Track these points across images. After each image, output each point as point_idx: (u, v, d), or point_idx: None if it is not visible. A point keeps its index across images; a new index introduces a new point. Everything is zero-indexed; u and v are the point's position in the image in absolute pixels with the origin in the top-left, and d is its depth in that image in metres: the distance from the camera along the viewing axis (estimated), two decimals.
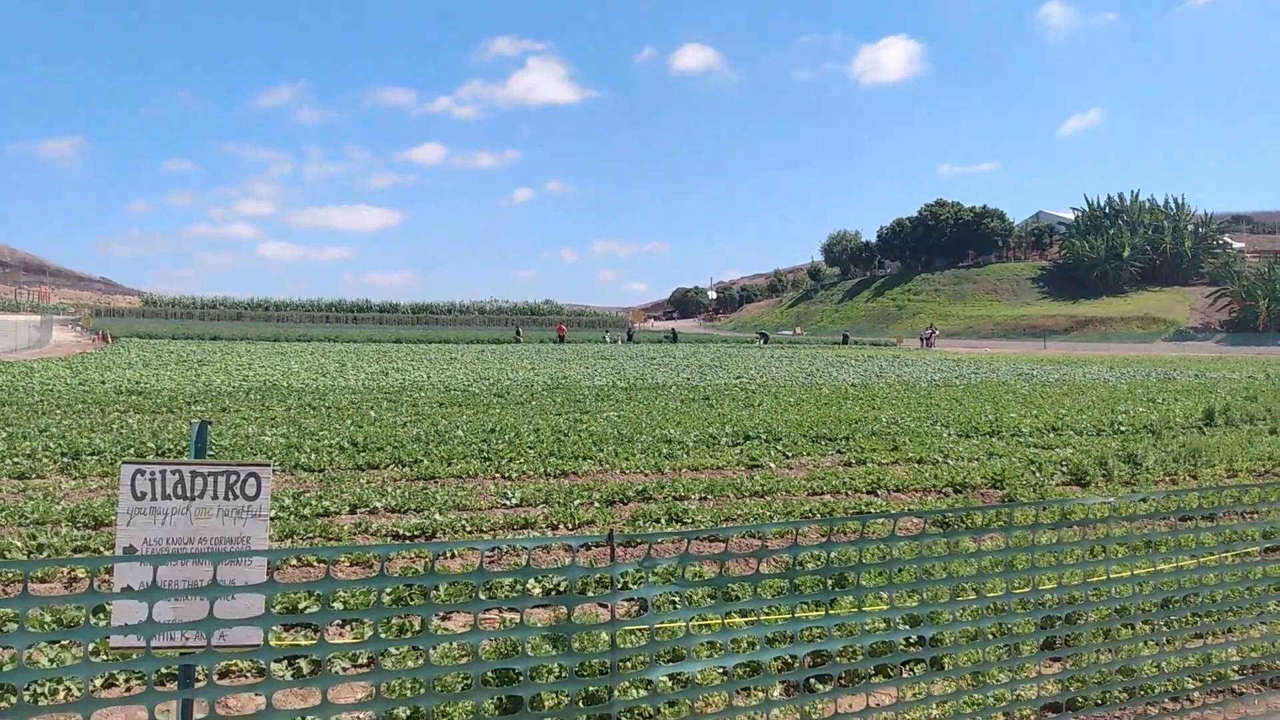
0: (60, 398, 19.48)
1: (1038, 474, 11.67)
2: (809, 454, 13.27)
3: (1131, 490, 10.88)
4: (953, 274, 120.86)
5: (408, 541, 7.98)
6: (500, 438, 14.03)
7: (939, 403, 21.69)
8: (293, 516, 8.63)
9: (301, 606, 5.65)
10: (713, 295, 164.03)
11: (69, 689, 4.71)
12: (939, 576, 4.41)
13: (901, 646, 3.99)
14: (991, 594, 3.95)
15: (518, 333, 78.92)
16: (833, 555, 5.23)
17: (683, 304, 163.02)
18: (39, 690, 4.63)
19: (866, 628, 3.76)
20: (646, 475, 11.38)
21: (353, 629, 5.68)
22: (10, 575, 6.63)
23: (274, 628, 5.24)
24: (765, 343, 77.04)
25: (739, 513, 9.27)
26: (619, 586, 3.06)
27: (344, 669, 4.95)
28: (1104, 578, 4.38)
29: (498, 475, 11.21)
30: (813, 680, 4.84)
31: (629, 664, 3.88)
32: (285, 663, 5.14)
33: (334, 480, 10.71)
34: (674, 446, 13.52)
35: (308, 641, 5.32)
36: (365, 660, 5.01)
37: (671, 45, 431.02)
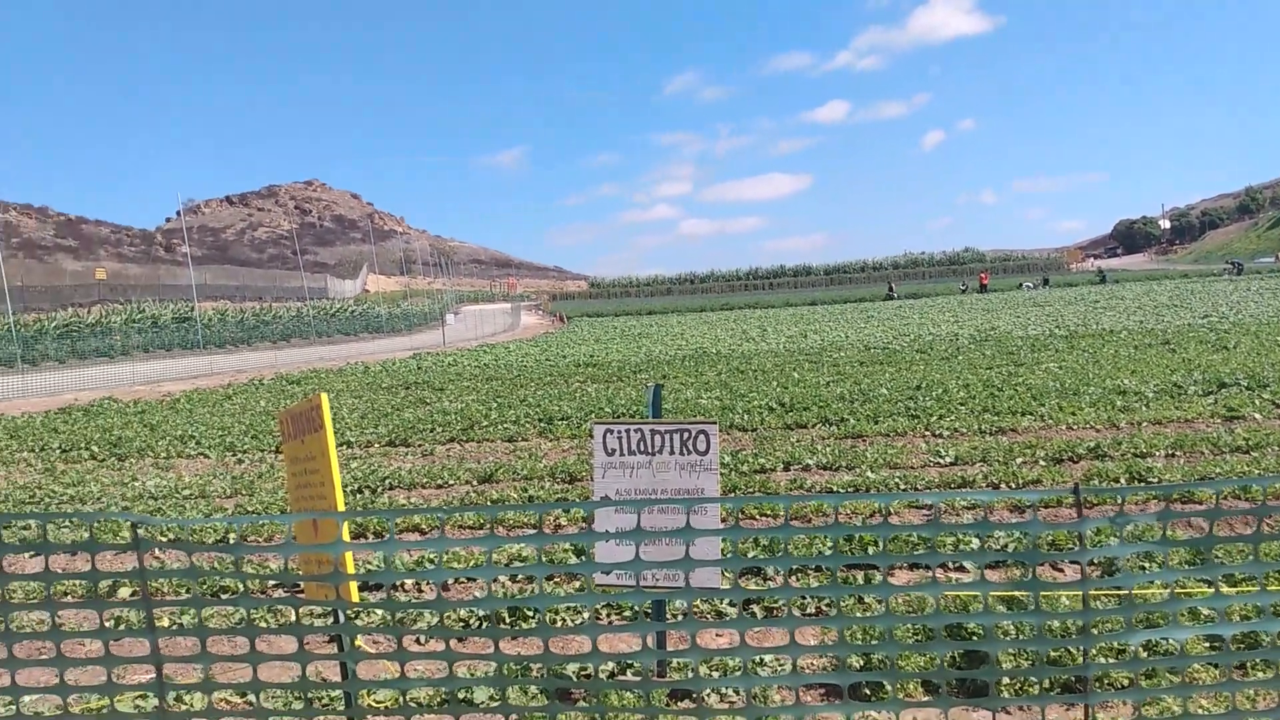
0: (532, 372, 22.63)
1: None
2: None
3: None
4: None
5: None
6: (927, 394, 13.64)
7: None
8: (733, 472, 9.18)
9: (750, 554, 6.00)
10: (1165, 224, 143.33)
11: (563, 618, 5.48)
12: None
13: None
14: None
15: (890, 288, 75.26)
16: None
17: (1128, 237, 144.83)
18: (549, 617, 5.45)
19: None
20: (1098, 430, 10.37)
21: (797, 577, 5.92)
22: (522, 519, 7.85)
23: (727, 571, 5.64)
24: (1238, 274, 65.94)
25: (1217, 470, 8.10)
26: (1087, 545, 2.84)
27: (796, 614, 5.18)
28: None
29: (927, 433, 10.92)
30: None
31: (1096, 628, 3.60)
32: (739, 605, 5.51)
33: (766, 439, 11.19)
34: (1129, 398, 12.15)
35: (758, 586, 5.66)
36: (813, 608, 5.20)
37: None
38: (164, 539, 7.92)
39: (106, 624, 3.53)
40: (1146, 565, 5.36)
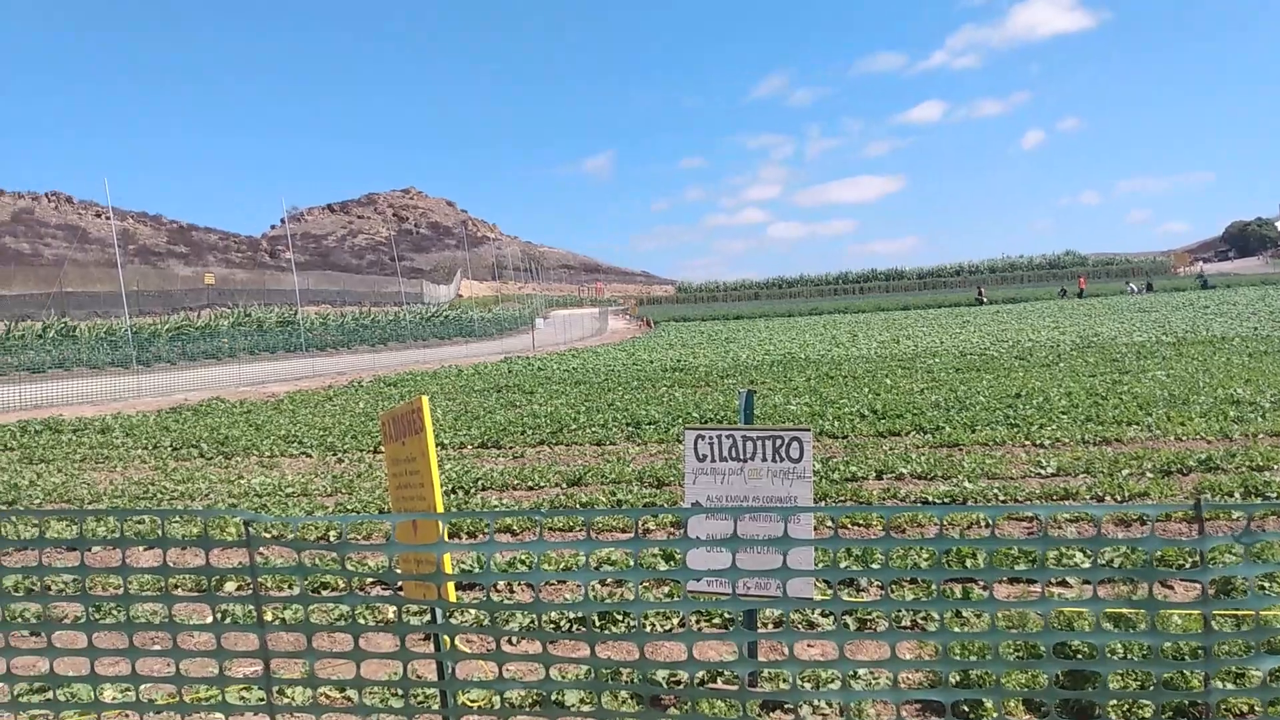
0: (619, 376, 22.74)
1: None
2: None
3: None
4: None
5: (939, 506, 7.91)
6: (1027, 403, 13.22)
7: None
8: (823, 480, 9.05)
9: (842, 564, 5.90)
10: None
11: (653, 624, 5.48)
12: None
13: None
14: None
15: (979, 293, 73.44)
16: None
17: (1240, 240, 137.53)
18: (641, 621, 5.45)
19: None
20: (1210, 442, 9.89)
21: (892, 589, 5.79)
22: (611, 522, 7.89)
23: (820, 581, 5.56)
24: None
25: None
26: (1207, 563, 2.70)
27: (889, 627, 5.07)
28: None
29: (1027, 443, 10.58)
30: None
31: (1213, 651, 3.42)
32: (830, 616, 5.42)
33: (857, 447, 11.00)
34: (1244, 408, 11.55)
35: (850, 598, 5.56)
36: (908, 621, 5.08)
37: None
38: (267, 536, 8.23)
39: (215, 617, 3.68)
40: (1266, 585, 5.08)
